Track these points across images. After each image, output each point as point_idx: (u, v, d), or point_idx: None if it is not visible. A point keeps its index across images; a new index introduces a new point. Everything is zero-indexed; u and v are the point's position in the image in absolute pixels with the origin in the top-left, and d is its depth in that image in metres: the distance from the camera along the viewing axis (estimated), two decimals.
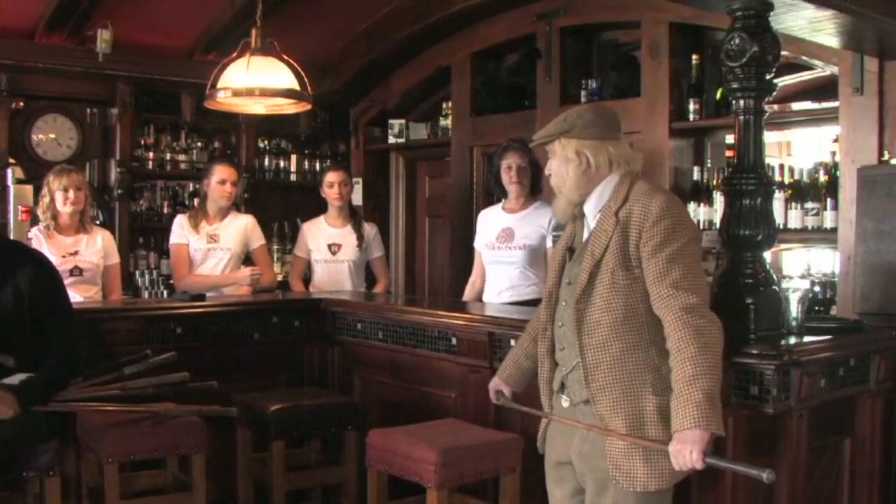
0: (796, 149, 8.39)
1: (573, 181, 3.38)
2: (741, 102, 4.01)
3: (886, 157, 5.38)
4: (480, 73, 7.87)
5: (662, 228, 3.20)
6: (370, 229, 6.68)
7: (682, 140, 6.54)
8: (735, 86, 4.02)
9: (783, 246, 6.75)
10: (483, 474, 4.15)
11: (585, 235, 3.41)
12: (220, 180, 6.26)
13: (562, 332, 3.40)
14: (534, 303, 5.48)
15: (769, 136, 7.16)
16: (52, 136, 7.52)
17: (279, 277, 7.36)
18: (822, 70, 5.94)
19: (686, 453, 3.03)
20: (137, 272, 7.79)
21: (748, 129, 3.98)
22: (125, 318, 5.18)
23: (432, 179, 8.73)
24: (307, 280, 6.66)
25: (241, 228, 6.38)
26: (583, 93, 7.03)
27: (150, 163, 7.96)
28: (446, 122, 8.15)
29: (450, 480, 3.98)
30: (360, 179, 8.79)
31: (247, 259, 6.60)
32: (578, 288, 3.30)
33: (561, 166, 3.40)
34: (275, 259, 7.95)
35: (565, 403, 3.41)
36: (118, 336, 5.04)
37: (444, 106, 8.20)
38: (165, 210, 7.96)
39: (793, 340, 3.88)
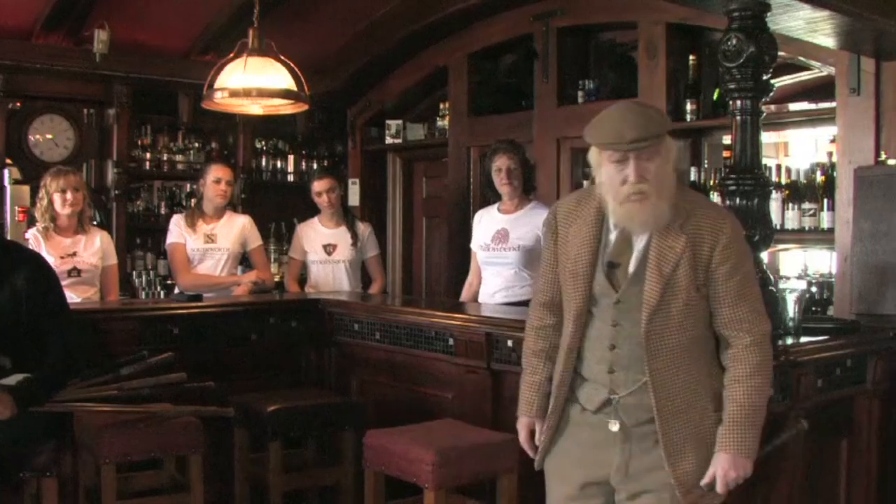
0: (793, 149, 8.40)
1: (672, 183, 3.12)
2: (738, 103, 4.02)
3: (883, 157, 5.38)
4: (477, 73, 7.89)
5: (737, 250, 3.13)
6: (364, 229, 6.69)
7: (680, 140, 6.52)
8: (732, 86, 4.04)
9: (780, 246, 6.76)
10: (480, 475, 4.15)
11: (639, 248, 3.15)
12: (216, 179, 6.25)
13: (616, 355, 3.16)
14: (528, 303, 5.50)
15: (766, 137, 7.14)
16: (49, 136, 7.51)
17: (276, 278, 7.36)
18: (820, 71, 5.95)
19: (732, 477, 3.06)
20: (134, 273, 7.79)
21: (745, 129, 4.00)
22: (122, 319, 5.18)
23: (429, 180, 8.75)
24: (303, 281, 6.66)
25: (238, 228, 6.37)
26: (580, 93, 7.05)
27: (147, 163, 7.96)
28: (443, 123, 8.16)
29: (447, 481, 3.97)
30: (357, 180, 8.82)
31: (244, 259, 6.61)
32: (649, 309, 3.08)
33: (663, 167, 3.07)
34: (272, 259, 7.95)
35: (614, 427, 3.17)
36: (115, 337, 5.03)
37: (442, 106, 8.22)
38: (163, 210, 7.97)
39: (790, 341, 3.90)
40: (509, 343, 4.48)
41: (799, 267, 7.16)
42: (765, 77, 4.11)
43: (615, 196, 3.08)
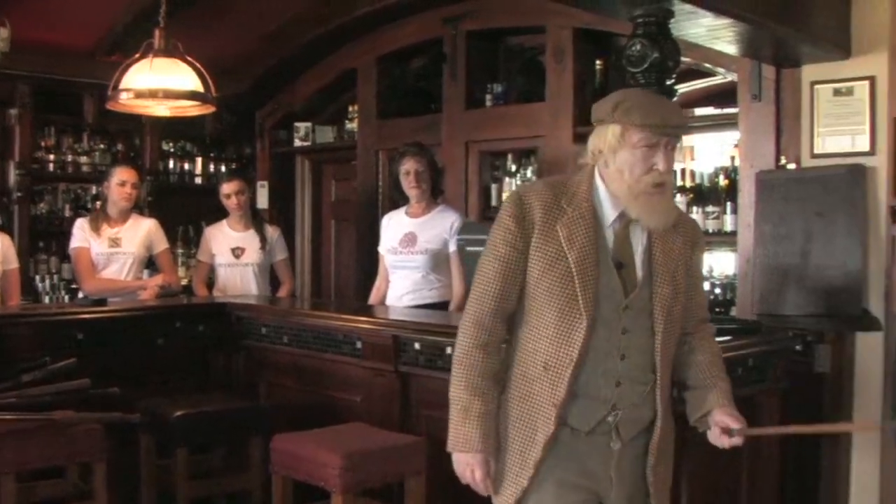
0: (699, 153, 8.51)
1: None
2: None
3: (783, 161, 5.51)
4: (386, 76, 7.88)
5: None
6: (273, 232, 6.67)
7: (586, 144, 6.60)
8: None
9: None
10: (388, 478, 4.15)
11: (642, 247, 2.95)
12: (121, 182, 6.17)
13: (626, 365, 2.91)
14: (436, 306, 5.53)
15: None
16: None
17: (183, 282, 7.28)
18: (724, 77, 6.05)
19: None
20: (38, 277, 7.64)
21: None
22: (23, 324, 5.08)
23: (338, 183, 8.73)
24: (211, 284, 6.60)
25: (143, 232, 6.29)
26: (488, 97, 7.09)
27: (51, 165, 7.82)
28: (352, 126, 8.15)
29: (354, 484, 3.96)
30: (265, 183, 8.76)
31: (150, 263, 6.52)
32: (665, 313, 2.93)
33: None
34: (179, 263, 7.85)
35: (616, 446, 2.94)
36: (16, 343, 4.92)
37: (351, 109, 8.20)
38: (67, 213, 7.84)
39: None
40: (416, 346, 4.49)
41: (704, 269, 7.27)
42: (668, 82, 4.18)
43: (632, 186, 2.83)
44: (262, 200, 8.70)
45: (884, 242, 5.21)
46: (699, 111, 6.32)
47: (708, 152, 7.59)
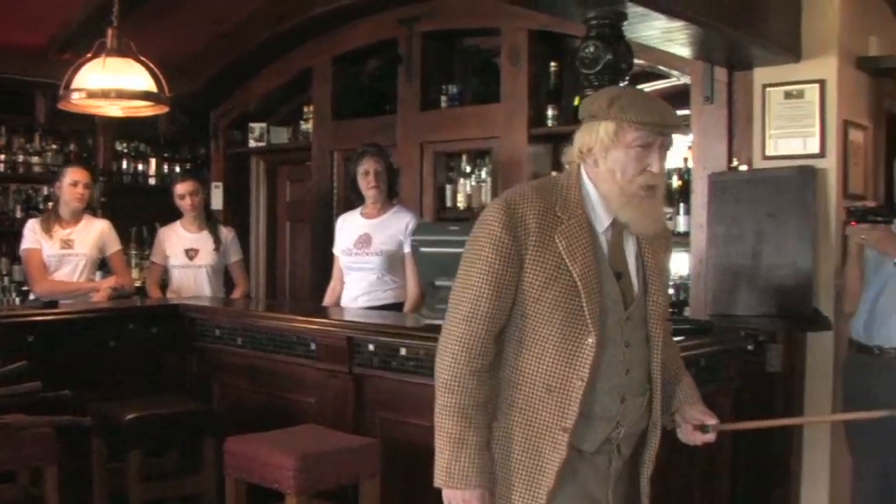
0: None
1: None
2: None
3: (735, 163, 5.56)
4: (342, 77, 7.87)
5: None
6: (227, 233, 6.63)
7: (541, 145, 6.66)
8: (590, 92, 4.10)
9: None
10: (342, 479, 4.13)
11: (633, 254, 2.80)
12: (72, 182, 6.11)
13: (630, 380, 2.76)
14: (391, 307, 5.53)
15: None
16: None
17: (137, 283, 7.23)
18: (678, 79, 6.09)
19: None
20: None
21: None
22: None
23: (293, 184, 8.70)
24: (164, 286, 6.56)
25: (96, 233, 6.23)
26: (443, 98, 7.10)
27: (2, 165, 7.76)
28: (307, 126, 8.13)
29: (308, 486, 3.94)
30: (220, 183, 8.72)
31: (103, 264, 6.47)
32: (662, 322, 2.81)
33: None
34: (133, 264, 7.80)
35: (619, 464, 2.81)
36: None
37: (306, 110, 8.18)
38: (19, 214, 7.78)
39: None
40: (371, 347, 4.48)
41: None
42: (622, 84, 4.19)
43: (624, 188, 2.66)
44: (217, 201, 8.66)
45: (833, 243, 5.28)
46: None
47: None
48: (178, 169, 8.54)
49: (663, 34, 4.78)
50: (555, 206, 2.67)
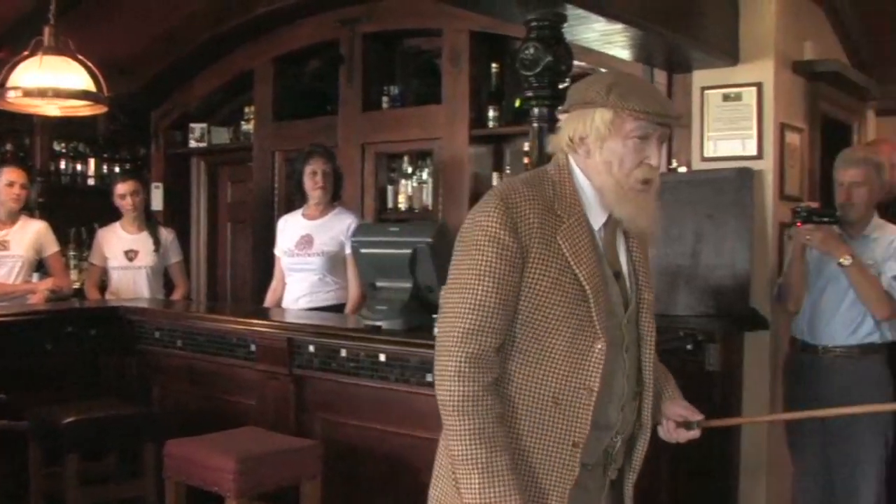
0: None
1: None
2: (536, 110, 4.11)
3: (674, 165, 5.60)
4: (283, 77, 7.85)
5: None
6: (167, 234, 6.58)
7: (482, 147, 6.68)
8: (530, 94, 4.13)
9: None
10: (283, 481, 4.11)
11: (625, 251, 2.62)
12: (8, 182, 6.03)
13: (628, 386, 2.58)
14: (332, 308, 5.52)
15: None
16: None
17: (76, 285, 7.14)
18: None
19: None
20: None
21: (542, 136, 4.09)
22: None
23: (234, 185, 8.66)
24: (104, 287, 6.49)
25: (32, 234, 6.15)
26: (384, 99, 7.11)
27: None
28: (248, 127, 8.11)
29: (249, 489, 3.92)
30: (160, 184, 8.65)
31: (40, 266, 6.39)
32: (651, 319, 2.64)
33: None
34: (72, 266, 7.70)
35: (613, 476, 2.65)
36: None
37: (247, 110, 8.16)
38: None
39: None
40: (311, 348, 4.47)
41: None
42: (561, 86, 4.22)
43: (621, 181, 2.48)
44: (157, 202, 8.59)
45: (770, 243, 5.35)
46: None
47: None
48: (117, 169, 8.43)
49: (603, 36, 4.81)
50: (552, 203, 2.46)
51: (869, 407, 4.15)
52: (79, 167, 8.45)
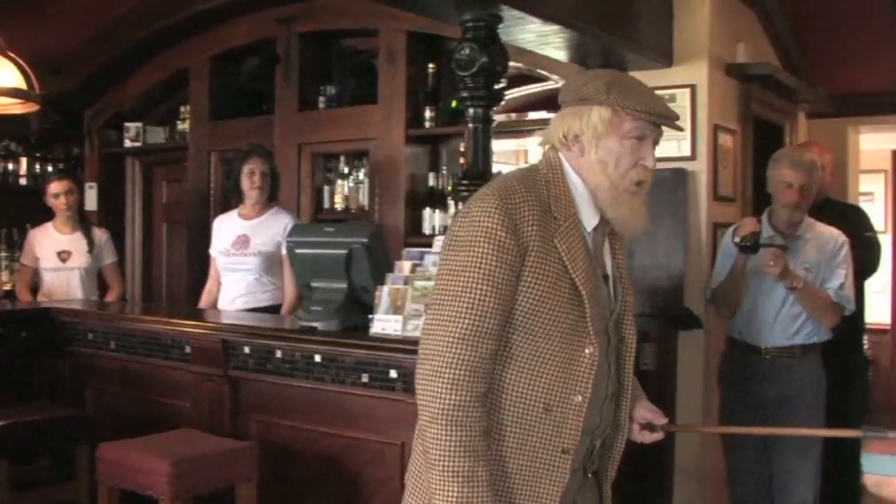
0: (533, 156, 8.68)
1: None
2: (471, 111, 4.12)
3: None
4: (219, 76, 7.79)
5: None
6: (101, 235, 6.52)
7: (418, 147, 6.69)
8: (465, 94, 4.14)
9: None
10: (218, 484, 4.08)
11: (609, 253, 2.59)
12: None
13: (611, 388, 2.55)
14: (269, 309, 5.49)
15: (508, 144, 7.41)
16: None
17: (7, 286, 7.05)
18: (556, 82, 6.17)
19: None
20: None
21: (477, 136, 4.10)
22: None
23: (170, 184, 8.58)
24: (36, 289, 6.40)
25: None
26: (321, 98, 7.09)
27: None
28: (184, 126, 8.04)
29: (183, 492, 3.89)
30: (94, 184, 8.55)
31: None
32: (632, 320, 2.60)
33: None
34: (3, 267, 7.59)
35: (590, 476, 2.62)
36: None
37: (183, 109, 8.08)
38: None
39: None
40: (246, 350, 4.44)
41: None
42: (497, 86, 4.23)
43: (616, 182, 2.44)
44: (91, 202, 8.49)
45: (704, 244, 5.41)
46: (533, 115, 6.45)
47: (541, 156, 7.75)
48: (50, 169, 8.33)
49: (538, 37, 4.84)
50: (548, 204, 2.39)
51: (833, 431, 4.19)
52: (10, 166, 8.34)
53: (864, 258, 5.36)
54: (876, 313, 8.21)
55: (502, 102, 4.32)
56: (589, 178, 2.45)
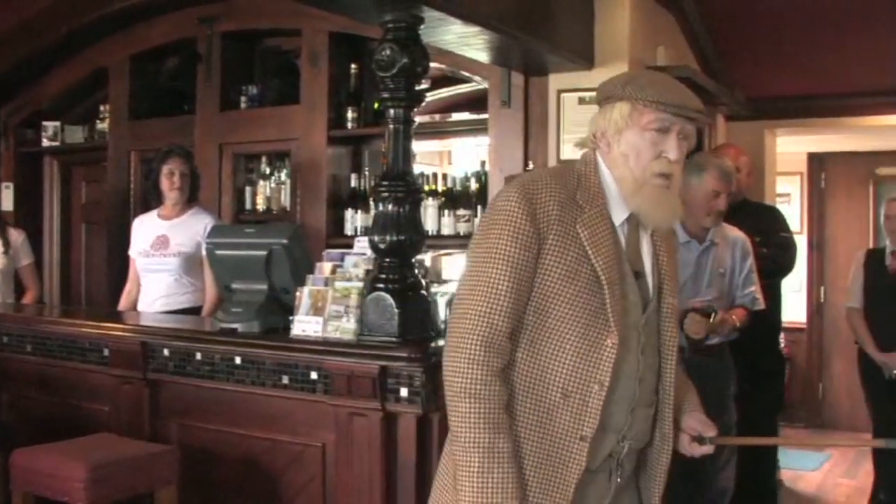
0: (456, 157, 8.70)
1: None
2: (392, 112, 4.11)
3: (531, 166, 5.69)
4: (140, 75, 7.69)
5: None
6: (17, 235, 6.42)
7: (341, 147, 6.68)
8: (386, 95, 4.12)
9: (443, 252, 6.98)
10: (138, 489, 4.04)
11: (648, 251, 2.60)
12: None
13: (642, 389, 2.54)
14: (189, 311, 5.44)
15: (431, 145, 7.43)
16: None
17: None
18: (479, 84, 6.20)
19: None
20: None
21: (398, 137, 4.09)
22: None
23: (89, 185, 8.44)
24: None
25: None
26: (242, 98, 7.03)
27: None
28: (104, 126, 7.91)
29: (101, 497, 3.84)
30: (10, 184, 8.39)
31: None
32: (673, 326, 2.61)
33: None
34: None
35: (616, 482, 2.56)
36: None
37: (102, 109, 7.96)
38: None
39: (441, 342, 4.00)
40: (165, 352, 4.40)
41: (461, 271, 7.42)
42: (417, 87, 4.22)
43: (637, 174, 2.48)
44: (7, 202, 8.34)
45: None
46: (455, 116, 6.47)
47: (465, 156, 7.78)
48: None
49: (460, 39, 4.86)
50: (575, 193, 2.47)
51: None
52: None
53: (780, 258, 5.47)
54: (792, 312, 8.34)
55: (424, 103, 4.30)
56: (615, 171, 2.52)
